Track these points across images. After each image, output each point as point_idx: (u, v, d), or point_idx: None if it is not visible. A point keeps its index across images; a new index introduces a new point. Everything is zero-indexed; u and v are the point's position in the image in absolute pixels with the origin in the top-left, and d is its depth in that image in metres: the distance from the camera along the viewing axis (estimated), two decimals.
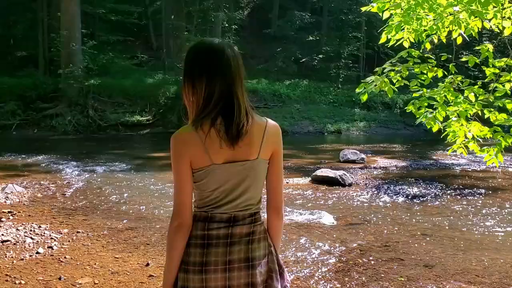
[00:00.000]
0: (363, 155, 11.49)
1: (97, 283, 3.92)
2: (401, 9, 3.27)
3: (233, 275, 1.63)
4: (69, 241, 5.03)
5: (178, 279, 1.67)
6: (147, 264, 4.35)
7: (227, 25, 23.54)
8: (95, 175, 9.10)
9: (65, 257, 4.51)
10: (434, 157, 12.61)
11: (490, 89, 3.33)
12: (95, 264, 4.35)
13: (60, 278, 3.98)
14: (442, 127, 3.36)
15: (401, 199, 7.56)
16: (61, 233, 5.27)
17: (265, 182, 1.74)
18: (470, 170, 10.41)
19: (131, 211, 6.41)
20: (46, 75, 20.21)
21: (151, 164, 10.81)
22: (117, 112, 19.03)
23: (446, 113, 3.33)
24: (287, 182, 8.53)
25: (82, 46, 19.10)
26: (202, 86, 1.60)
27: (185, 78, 1.65)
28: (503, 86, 3.30)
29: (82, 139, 16.58)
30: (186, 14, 22.78)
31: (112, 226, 5.66)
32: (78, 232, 5.35)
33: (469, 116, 3.31)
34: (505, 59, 3.33)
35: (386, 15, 3.40)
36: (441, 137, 3.57)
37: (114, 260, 4.47)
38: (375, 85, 3.37)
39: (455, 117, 3.26)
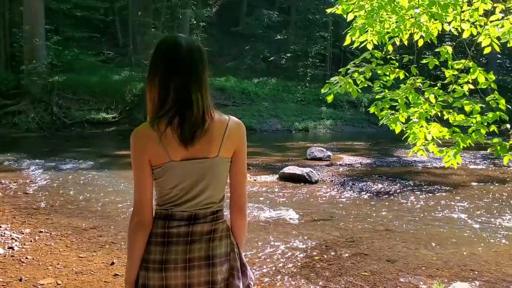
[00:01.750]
0: (329, 153, 11.66)
1: (60, 284, 3.85)
2: (365, 11, 3.34)
3: (193, 273, 1.63)
4: (31, 241, 4.92)
5: (139, 277, 1.67)
6: (112, 263, 4.30)
7: (195, 22, 23.37)
8: (59, 174, 8.90)
9: (26, 258, 4.40)
10: (397, 155, 12.91)
11: (449, 90, 3.44)
12: (58, 264, 4.27)
13: (21, 279, 3.89)
14: (404, 128, 3.45)
15: (365, 195, 7.71)
16: (23, 233, 5.14)
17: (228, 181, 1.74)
18: (431, 167, 10.70)
19: (96, 210, 6.32)
20: (7, 71, 19.58)
21: (116, 162, 10.65)
22: (82, 110, 18.66)
23: (407, 114, 3.43)
24: (255, 180, 8.57)
25: (46, 41, 18.60)
26: (160, 83, 1.61)
27: (148, 75, 1.66)
28: (462, 87, 3.41)
29: (46, 137, 16.18)
30: (154, 10, 22.49)
31: (76, 225, 5.56)
32: (40, 232, 5.23)
33: (429, 117, 3.42)
34: (463, 60, 3.44)
35: (350, 17, 3.47)
36: (402, 138, 3.66)
37: (78, 260, 4.40)
38: (340, 86, 3.43)
39: (416, 118, 3.35)
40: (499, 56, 25.75)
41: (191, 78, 1.60)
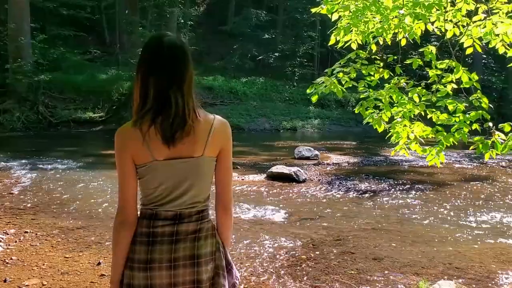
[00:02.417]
0: (317, 152, 11.70)
1: (45, 284, 3.82)
2: (350, 11, 3.36)
3: (178, 273, 1.63)
4: (16, 241, 4.87)
5: (124, 277, 1.67)
6: (99, 263, 4.27)
7: (182, 21, 23.30)
8: (45, 173, 8.81)
9: (11, 258, 4.36)
10: (384, 154, 13.00)
11: (433, 90, 3.48)
12: (43, 264, 4.24)
13: (5, 280, 3.85)
14: (387, 128, 3.48)
15: (352, 194, 7.76)
16: (7, 234, 5.09)
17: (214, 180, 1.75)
18: (417, 165, 10.80)
19: (82, 210, 6.27)
20: None
21: (103, 162, 10.57)
22: (69, 109, 18.49)
23: (391, 113, 3.46)
24: (242, 179, 8.58)
25: (32, 40, 18.39)
26: (141, 82, 1.61)
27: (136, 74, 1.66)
28: (445, 87, 3.46)
29: (31, 136, 15.99)
30: (140, 9, 22.38)
31: (63, 225, 5.52)
32: (26, 232, 5.18)
33: (412, 116, 3.46)
34: (447, 60, 3.48)
35: (335, 16, 3.49)
36: (386, 138, 3.69)
37: (64, 260, 4.37)
38: (325, 86, 3.46)
39: (400, 117, 3.39)
40: (484, 56, 26.06)
41: (171, 78, 1.59)
